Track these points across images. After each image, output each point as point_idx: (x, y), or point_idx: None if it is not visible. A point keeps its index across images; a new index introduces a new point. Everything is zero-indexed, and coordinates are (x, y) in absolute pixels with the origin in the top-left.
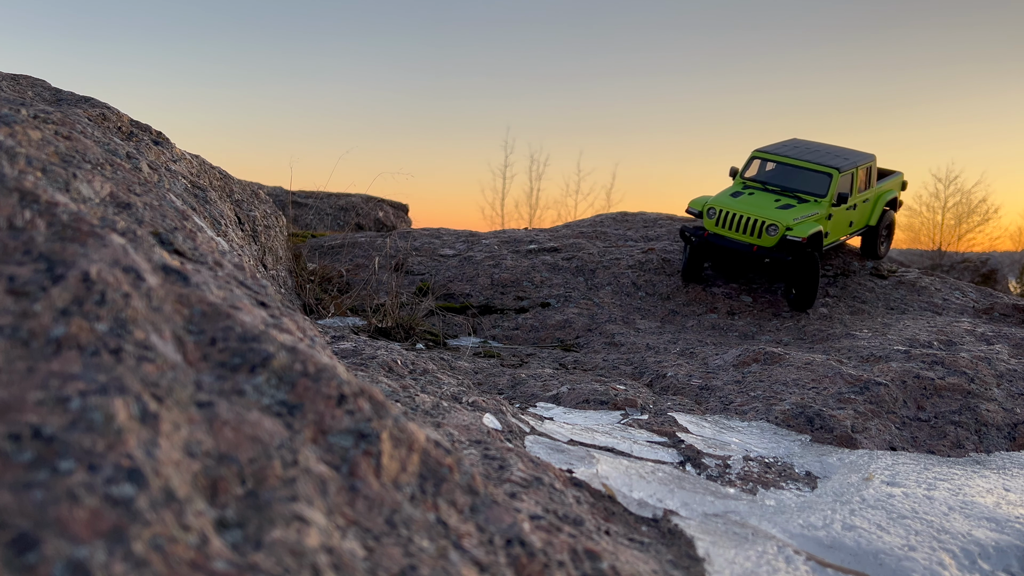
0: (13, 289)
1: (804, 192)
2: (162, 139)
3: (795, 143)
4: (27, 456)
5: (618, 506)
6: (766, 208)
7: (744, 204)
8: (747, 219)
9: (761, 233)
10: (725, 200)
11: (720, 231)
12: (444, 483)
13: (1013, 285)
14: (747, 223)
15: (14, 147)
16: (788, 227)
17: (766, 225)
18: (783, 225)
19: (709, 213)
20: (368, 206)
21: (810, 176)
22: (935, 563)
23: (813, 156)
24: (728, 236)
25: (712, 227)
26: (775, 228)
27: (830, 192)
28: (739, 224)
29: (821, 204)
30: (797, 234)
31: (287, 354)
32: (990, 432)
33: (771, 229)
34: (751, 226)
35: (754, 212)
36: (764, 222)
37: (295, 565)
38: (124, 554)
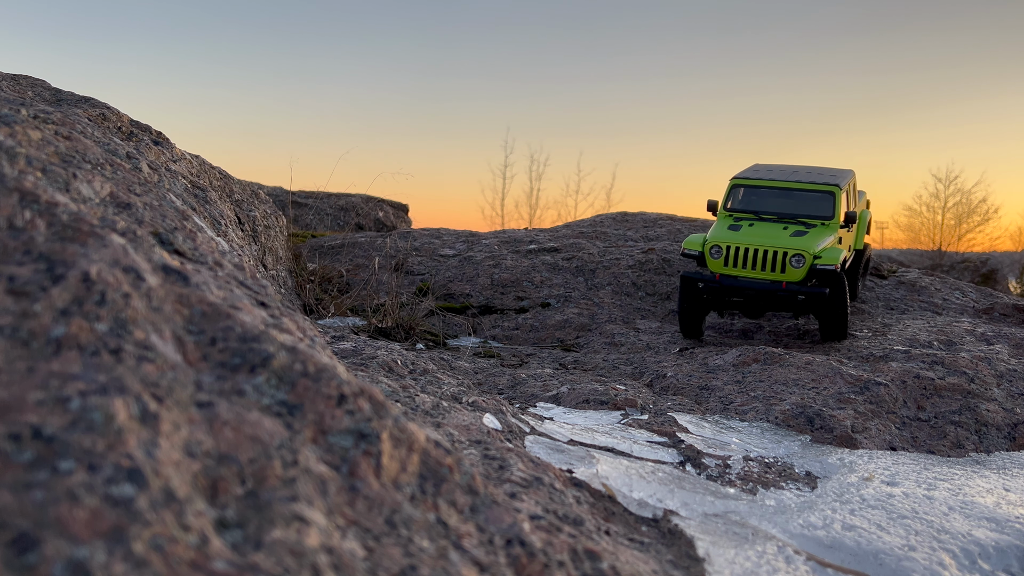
0: (13, 289)
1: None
2: (162, 139)
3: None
4: (27, 456)
5: (618, 506)
6: (780, 237)
7: (752, 236)
8: (764, 252)
9: (785, 266)
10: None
11: (732, 271)
12: (444, 483)
13: (1013, 285)
14: (765, 257)
15: (14, 147)
16: (816, 255)
17: (790, 256)
18: (809, 254)
19: (713, 252)
20: (368, 206)
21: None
22: (935, 563)
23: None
24: (744, 276)
25: (720, 268)
26: (801, 258)
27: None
28: (755, 260)
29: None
30: (828, 262)
31: (287, 354)
32: (990, 432)
33: (796, 260)
34: (771, 260)
35: (770, 243)
36: (787, 253)
37: (295, 565)
38: (124, 554)
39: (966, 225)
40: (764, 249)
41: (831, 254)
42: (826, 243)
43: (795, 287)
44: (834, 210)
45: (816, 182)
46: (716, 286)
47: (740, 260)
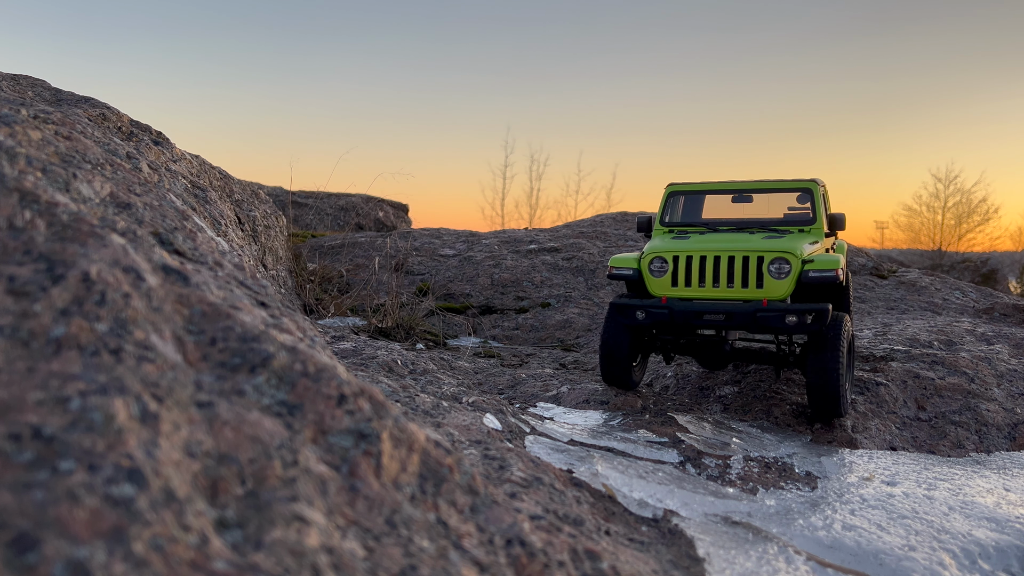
0: (13, 289)
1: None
2: (162, 139)
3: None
4: (27, 456)
5: (618, 506)
6: (750, 241)
7: (710, 242)
8: (731, 259)
9: (761, 277)
10: (674, 244)
11: (686, 291)
12: (444, 483)
13: (1013, 285)
14: (732, 265)
15: (14, 147)
16: (806, 259)
17: (768, 261)
18: (796, 257)
19: (654, 268)
20: (368, 206)
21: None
22: (935, 563)
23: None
24: (703, 297)
25: (666, 289)
26: (783, 264)
27: (818, 214)
28: (716, 271)
29: (813, 232)
30: (824, 267)
31: (287, 354)
32: (990, 432)
33: (777, 267)
34: (740, 268)
35: (739, 246)
36: (763, 257)
37: (295, 565)
38: (124, 554)
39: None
40: (731, 254)
41: (827, 258)
42: (815, 247)
43: (781, 306)
44: (814, 211)
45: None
46: (664, 315)
47: (697, 274)
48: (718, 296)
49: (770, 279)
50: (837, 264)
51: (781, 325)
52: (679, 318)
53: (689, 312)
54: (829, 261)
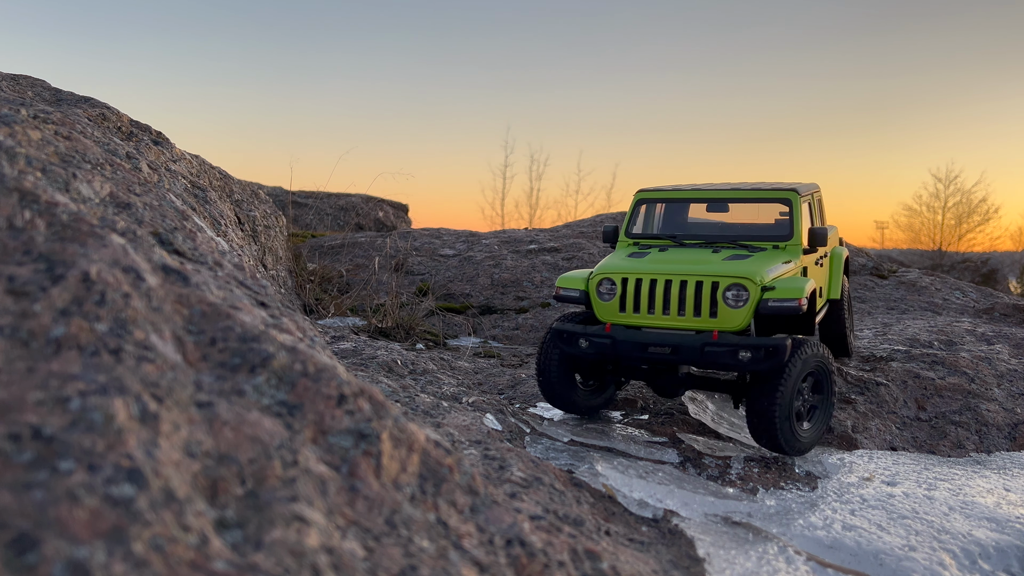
0: (13, 289)
1: (750, 239)
2: (162, 139)
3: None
4: (27, 456)
5: (618, 506)
6: (707, 262)
7: (664, 263)
8: (683, 284)
9: (715, 304)
10: (627, 264)
11: (632, 318)
12: (444, 483)
13: (1014, 285)
14: (683, 292)
15: (14, 147)
16: (766, 286)
17: (723, 288)
18: (755, 284)
19: (602, 291)
20: (368, 206)
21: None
22: (935, 563)
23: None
24: (652, 326)
25: (613, 315)
26: (740, 291)
27: (796, 228)
28: (667, 298)
29: (788, 250)
30: (786, 295)
31: (287, 354)
32: (991, 432)
33: (733, 294)
34: (692, 296)
35: (692, 269)
36: (718, 283)
37: (295, 565)
38: (124, 554)
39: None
40: (683, 279)
41: (791, 284)
42: (782, 270)
43: (734, 340)
44: (792, 225)
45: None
46: (606, 344)
47: (646, 300)
48: (668, 325)
49: (725, 307)
50: (801, 292)
51: (732, 362)
52: (622, 349)
53: (633, 344)
54: (792, 289)
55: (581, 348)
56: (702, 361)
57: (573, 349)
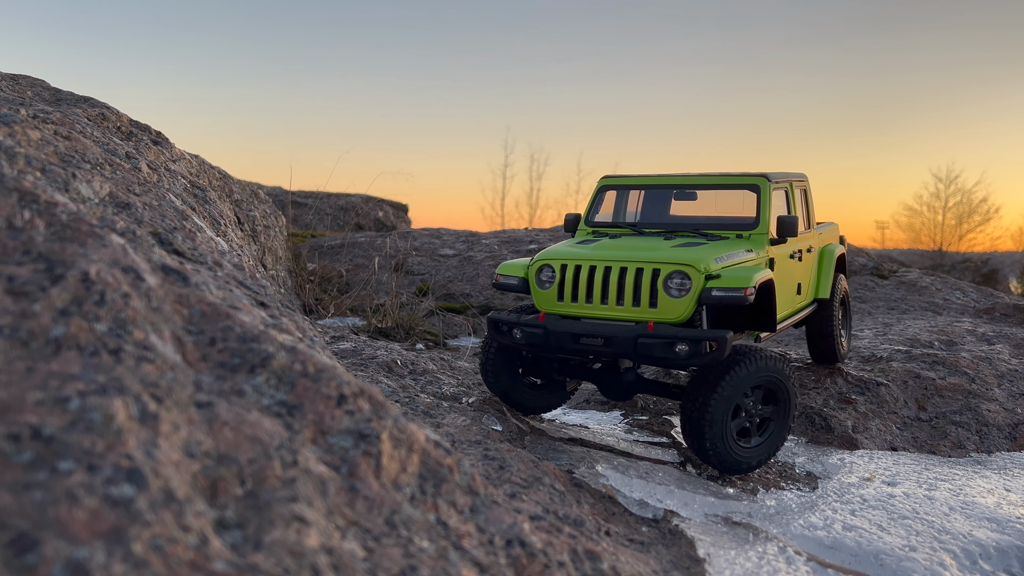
0: (13, 289)
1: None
2: (161, 139)
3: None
4: (26, 456)
5: (618, 506)
6: (654, 249)
7: (608, 249)
8: (622, 271)
9: (654, 294)
10: (570, 251)
11: (570, 308)
12: (444, 483)
13: (1014, 285)
14: (623, 280)
15: (13, 147)
16: (712, 274)
17: (664, 275)
18: (698, 271)
19: (541, 279)
20: (368, 206)
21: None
22: (936, 563)
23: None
24: (587, 315)
25: (551, 304)
26: (681, 279)
27: (762, 216)
28: (606, 286)
29: (752, 239)
30: (731, 284)
31: (287, 354)
32: (991, 432)
33: (675, 282)
34: (631, 284)
35: (634, 256)
36: (659, 271)
37: (295, 566)
38: (123, 555)
39: (967, 225)
40: (623, 265)
41: (739, 272)
42: (738, 259)
43: (671, 331)
44: (758, 213)
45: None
46: (538, 334)
47: (584, 288)
48: (606, 316)
49: (665, 297)
50: (748, 282)
51: (668, 356)
52: (554, 340)
53: (564, 334)
54: (739, 278)
55: (515, 338)
56: (636, 354)
57: (507, 339)
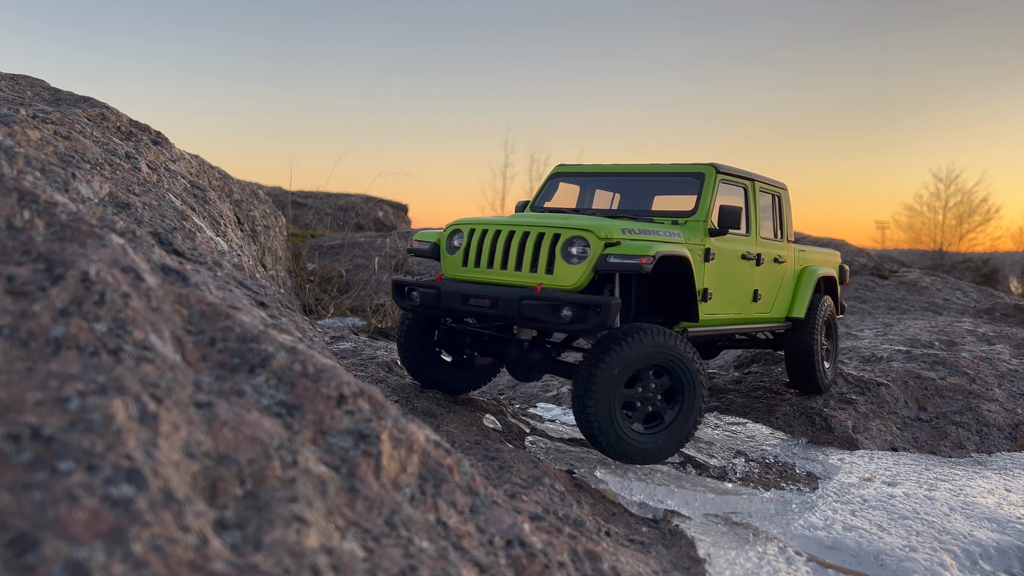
0: (12, 289)
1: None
2: (161, 139)
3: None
4: (26, 457)
5: (618, 507)
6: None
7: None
8: (524, 235)
9: (552, 259)
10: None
11: (469, 273)
12: (444, 484)
13: (1014, 285)
14: (523, 244)
15: (13, 147)
16: (610, 240)
17: (563, 241)
18: (597, 237)
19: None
20: (368, 206)
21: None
22: (936, 564)
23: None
24: (480, 279)
25: (456, 269)
26: (580, 245)
27: (702, 203)
28: (507, 250)
29: (688, 226)
30: (630, 252)
31: (286, 354)
32: (991, 432)
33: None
34: (531, 248)
35: (536, 222)
36: (559, 235)
37: (294, 566)
38: (123, 555)
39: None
40: (525, 230)
41: (639, 240)
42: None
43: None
44: (698, 200)
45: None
46: (432, 295)
47: (487, 253)
48: (504, 280)
49: (561, 263)
50: (646, 250)
51: (552, 319)
52: (446, 301)
53: (455, 294)
54: (637, 245)
55: (413, 300)
56: (520, 316)
57: (406, 302)
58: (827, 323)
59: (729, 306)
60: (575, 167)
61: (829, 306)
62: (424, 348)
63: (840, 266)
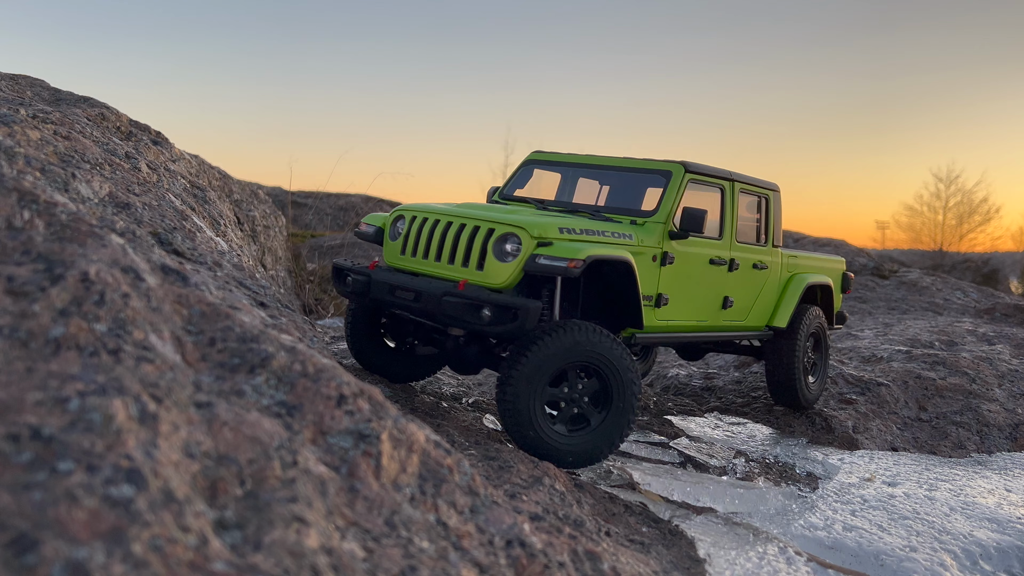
0: (12, 289)
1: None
2: (161, 139)
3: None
4: (26, 457)
5: (619, 506)
6: (508, 212)
7: (468, 208)
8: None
9: (484, 255)
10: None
11: (408, 262)
12: (444, 484)
13: (1015, 285)
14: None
15: (13, 147)
16: (543, 239)
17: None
18: (529, 235)
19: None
20: (368, 206)
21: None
22: (936, 564)
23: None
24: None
25: (394, 257)
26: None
27: (664, 204)
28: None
29: (645, 226)
30: (558, 253)
31: (286, 354)
32: (992, 432)
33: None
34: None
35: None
36: (493, 230)
37: (294, 566)
38: (123, 555)
39: (967, 225)
40: (462, 222)
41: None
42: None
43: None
44: (660, 200)
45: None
46: (362, 282)
47: (424, 243)
48: (435, 272)
49: (492, 259)
50: (576, 253)
51: (472, 319)
52: (375, 290)
53: (383, 284)
54: (569, 248)
55: (347, 285)
56: (440, 312)
57: (341, 287)
58: (815, 335)
59: (691, 313)
60: (550, 155)
61: (818, 317)
62: (370, 334)
63: (842, 274)
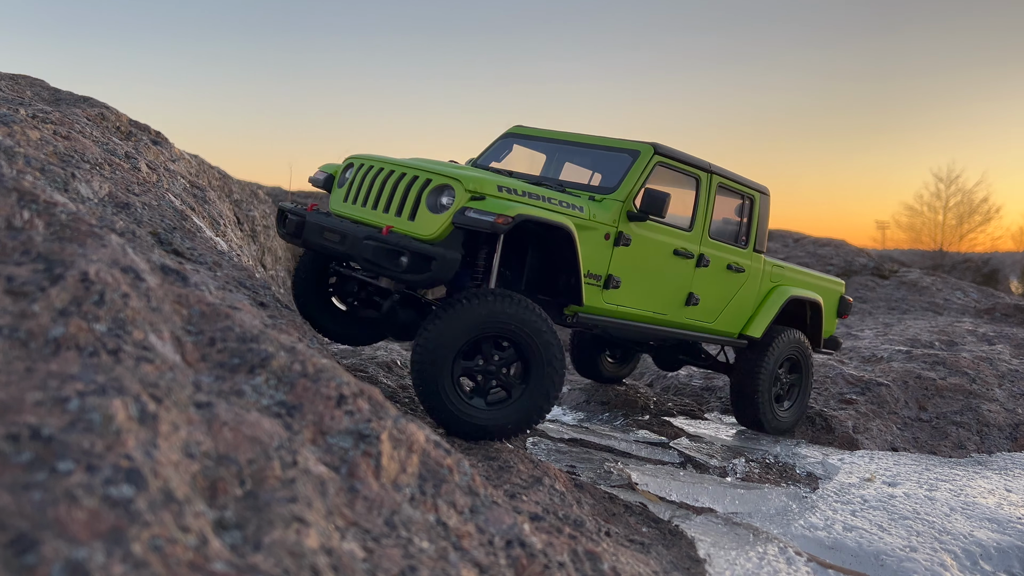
0: (12, 289)
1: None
2: (161, 139)
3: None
4: (26, 457)
5: (619, 506)
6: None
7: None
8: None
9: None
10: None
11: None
12: (444, 484)
13: (1015, 285)
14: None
15: (13, 147)
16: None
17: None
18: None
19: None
20: None
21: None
22: (936, 564)
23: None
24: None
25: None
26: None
27: (625, 182)
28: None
29: (602, 203)
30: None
31: (286, 354)
32: (992, 433)
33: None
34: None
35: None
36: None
37: (294, 566)
38: (123, 555)
39: (967, 225)
40: (402, 171)
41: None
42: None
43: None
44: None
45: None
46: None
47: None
48: (368, 220)
49: (424, 210)
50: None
51: (390, 265)
52: (306, 232)
53: (315, 226)
54: (499, 204)
55: (284, 227)
56: (360, 256)
57: (280, 229)
58: (791, 358)
59: (647, 302)
60: (529, 129)
61: (798, 339)
62: (317, 292)
63: (840, 296)
